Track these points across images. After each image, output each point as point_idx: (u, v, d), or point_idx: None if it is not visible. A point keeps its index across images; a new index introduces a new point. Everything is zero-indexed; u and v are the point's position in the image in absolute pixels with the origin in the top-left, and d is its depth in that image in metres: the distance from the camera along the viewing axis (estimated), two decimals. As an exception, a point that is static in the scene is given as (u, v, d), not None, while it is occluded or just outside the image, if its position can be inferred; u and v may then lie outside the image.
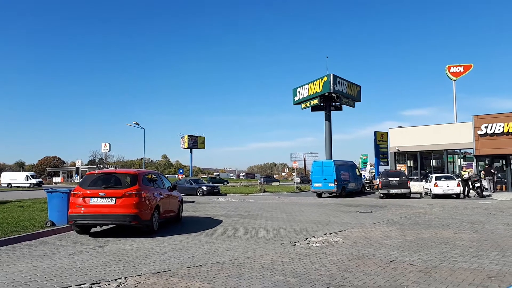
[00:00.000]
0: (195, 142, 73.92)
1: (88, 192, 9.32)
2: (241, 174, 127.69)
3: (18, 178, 53.72)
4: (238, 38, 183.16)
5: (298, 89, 40.99)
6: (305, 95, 39.81)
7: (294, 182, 52.34)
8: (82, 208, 9.22)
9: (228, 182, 62.34)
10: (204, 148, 76.35)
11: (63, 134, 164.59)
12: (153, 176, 11.25)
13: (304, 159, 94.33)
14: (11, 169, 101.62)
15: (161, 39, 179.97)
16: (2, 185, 54.00)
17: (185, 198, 15.08)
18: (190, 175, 69.19)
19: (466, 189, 23.83)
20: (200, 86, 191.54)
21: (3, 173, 57.13)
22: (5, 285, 5.18)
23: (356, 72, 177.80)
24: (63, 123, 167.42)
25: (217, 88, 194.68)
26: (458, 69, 36.06)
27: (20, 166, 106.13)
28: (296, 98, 41.36)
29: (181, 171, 51.58)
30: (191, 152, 73.92)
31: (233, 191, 35.83)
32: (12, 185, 51.99)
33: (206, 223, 12.08)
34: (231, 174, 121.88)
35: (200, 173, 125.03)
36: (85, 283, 5.26)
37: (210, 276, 5.66)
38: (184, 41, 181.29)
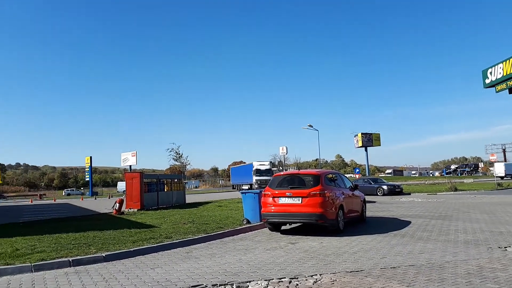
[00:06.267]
0: (369, 140, 71.90)
1: (277, 192, 10.02)
2: (388, 171, 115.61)
3: None
4: (416, 21, 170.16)
5: (490, 70, 35.21)
6: (499, 76, 34.02)
7: (495, 178, 45.13)
8: (272, 207, 9.96)
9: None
10: (379, 145, 73.59)
11: (247, 139, 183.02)
12: (334, 176, 11.36)
13: (504, 151, 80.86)
14: (208, 174, 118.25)
15: (326, 36, 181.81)
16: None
17: (366, 198, 14.72)
18: (366, 174, 67.56)
19: None
20: (370, 81, 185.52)
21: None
22: (220, 274, 5.96)
23: None
24: (247, 130, 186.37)
25: (389, 80, 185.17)
26: None
27: (214, 171, 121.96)
28: (487, 81, 35.55)
29: (357, 170, 50.78)
30: (366, 150, 72.17)
31: (417, 190, 33.30)
32: None
33: (392, 224, 11.52)
34: (413, 172, 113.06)
35: (377, 171, 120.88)
36: (285, 277, 5.62)
37: (408, 279, 5.32)
38: (350, 34, 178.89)
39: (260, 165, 47.88)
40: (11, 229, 11.85)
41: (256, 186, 44.36)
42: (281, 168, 69.10)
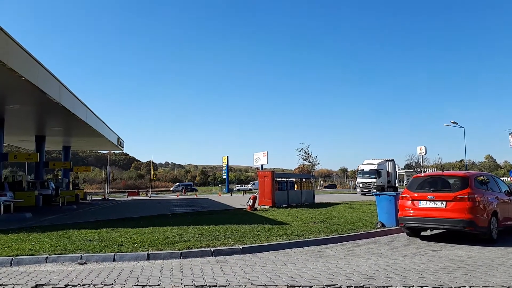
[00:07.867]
0: (528, 139, 61.63)
1: (416, 195, 9.28)
2: None
3: None
4: None
5: None
6: None
7: None
8: (411, 211, 9.25)
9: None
10: (542, 144, 62.52)
11: (379, 139, 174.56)
12: (485, 178, 10.04)
13: None
14: (337, 174, 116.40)
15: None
16: None
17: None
18: (524, 178, 58.08)
19: None
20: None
21: None
22: (354, 276, 5.74)
23: None
24: (378, 129, 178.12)
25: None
26: None
27: (343, 172, 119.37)
28: None
29: (513, 173, 43.96)
30: (523, 150, 62.09)
31: None
32: None
33: None
34: None
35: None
36: (427, 286, 5.13)
37: None
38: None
39: (367, 164, 38.50)
40: (162, 219, 13.43)
41: (358, 190, 37.78)
42: (418, 170, 64.05)
